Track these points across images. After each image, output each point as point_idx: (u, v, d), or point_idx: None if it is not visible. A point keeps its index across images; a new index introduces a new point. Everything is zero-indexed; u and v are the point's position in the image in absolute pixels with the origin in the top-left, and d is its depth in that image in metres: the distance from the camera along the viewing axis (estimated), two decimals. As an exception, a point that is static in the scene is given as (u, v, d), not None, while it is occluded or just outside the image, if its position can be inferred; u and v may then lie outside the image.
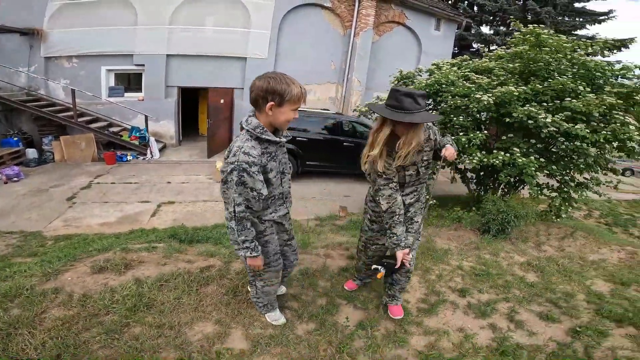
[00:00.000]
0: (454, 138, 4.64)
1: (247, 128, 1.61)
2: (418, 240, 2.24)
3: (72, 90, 8.09)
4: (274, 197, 1.80)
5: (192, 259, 2.86)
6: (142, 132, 8.83)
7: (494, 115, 4.59)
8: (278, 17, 9.60)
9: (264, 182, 1.65)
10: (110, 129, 8.92)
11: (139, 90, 9.62)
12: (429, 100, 5.50)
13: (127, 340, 1.91)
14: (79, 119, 8.27)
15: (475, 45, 16.28)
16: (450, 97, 4.72)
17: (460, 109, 4.68)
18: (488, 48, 15.34)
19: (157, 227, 4.78)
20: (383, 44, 11.10)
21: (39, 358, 1.74)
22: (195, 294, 2.37)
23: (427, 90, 5.22)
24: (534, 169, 4.14)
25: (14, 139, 7.73)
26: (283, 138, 1.74)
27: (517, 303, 2.84)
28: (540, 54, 4.60)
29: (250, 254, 1.72)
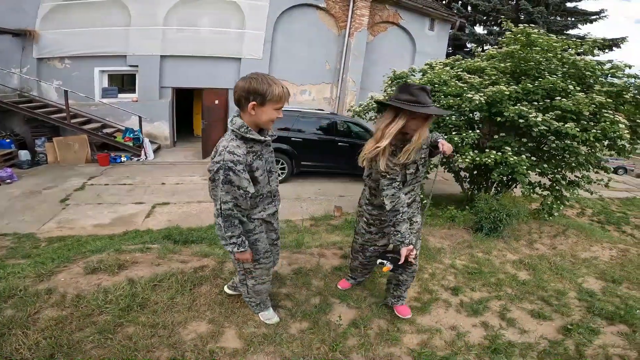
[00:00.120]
0: (447, 137, 4.68)
1: (232, 128, 1.66)
2: (419, 240, 2.25)
3: (65, 92, 8.03)
4: (263, 195, 1.83)
5: (186, 259, 2.86)
6: (136, 133, 8.78)
7: (486, 115, 4.63)
8: (273, 17, 9.60)
9: (251, 180, 1.68)
10: (104, 130, 8.86)
11: (133, 91, 9.56)
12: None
13: (120, 340, 1.91)
14: (72, 121, 8.21)
15: (469, 45, 16.38)
16: (443, 96, 4.76)
17: (453, 109, 4.73)
18: (482, 48, 15.46)
19: (151, 228, 4.76)
20: (377, 44, 11.13)
21: (33, 358, 1.74)
22: (189, 294, 2.38)
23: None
24: (526, 168, 4.18)
25: (7, 141, 7.67)
26: (268, 137, 1.76)
27: (509, 301, 2.87)
28: (531, 54, 4.66)
29: (237, 249, 1.75)
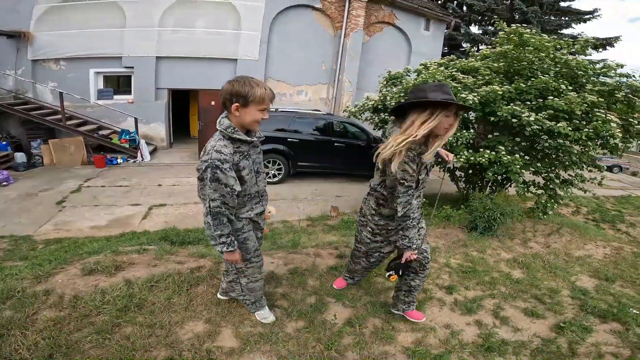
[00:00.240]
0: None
1: (219, 129, 1.71)
2: (429, 245, 2.26)
3: (60, 93, 8.03)
4: (250, 195, 1.87)
5: (182, 260, 2.88)
6: (132, 134, 8.78)
7: (480, 115, 4.67)
8: (269, 18, 9.62)
9: (238, 179, 1.72)
10: (100, 132, 8.84)
11: (129, 93, 9.55)
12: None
13: (118, 340, 1.94)
14: (68, 122, 8.20)
15: (465, 45, 16.47)
16: (438, 96, 4.79)
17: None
18: (477, 47, 15.55)
19: (148, 229, 4.77)
20: (373, 45, 11.17)
21: (32, 358, 1.76)
22: (186, 294, 2.40)
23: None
24: (519, 167, 4.23)
25: (3, 143, 7.63)
26: (255, 138, 1.81)
27: (502, 299, 2.90)
28: (524, 53, 4.70)
29: (227, 249, 1.77)
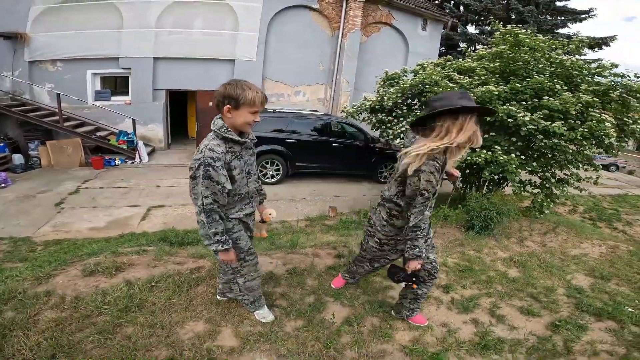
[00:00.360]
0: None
1: (213, 129, 1.76)
2: (437, 254, 2.28)
3: (57, 95, 8.02)
4: (240, 195, 1.91)
5: (182, 261, 2.90)
6: (130, 136, 8.78)
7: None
8: (266, 19, 9.64)
9: (229, 178, 1.77)
10: (98, 133, 8.82)
11: (126, 94, 9.55)
12: (415, 101, 5.61)
13: (119, 340, 1.96)
14: (65, 124, 8.18)
15: (462, 45, 16.53)
16: (434, 97, 4.83)
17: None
18: (474, 47, 15.61)
19: (147, 230, 4.79)
20: (371, 45, 11.20)
21: (35, 358, 1.78)
22: (186, 294, 2.42)
23: (411, 91, 5.33)
24: (515, 166, 4.27)
25: (0, 145, 7.63)
26: (248, 139, 1.86)
27: (499, 298, 2.93)
28: (519, 54, 4.75)
29: (222, 247, 1.81)
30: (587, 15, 15.22)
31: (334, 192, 7.35)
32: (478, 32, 16.01)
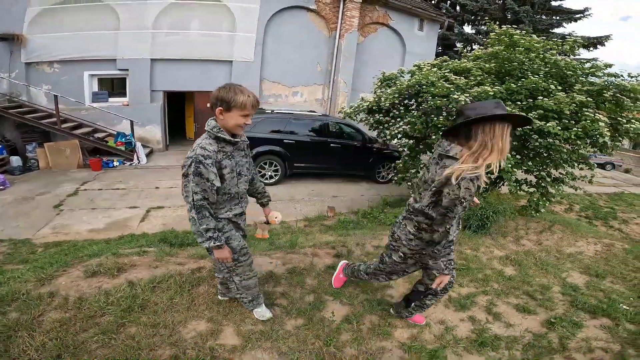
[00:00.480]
0: (435, 137, 4.80)
1: (207, 129, 1.83)
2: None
3: (54, 96, 8.00)
4: (230, 195, 1.95)
5: (183, 262, 2.93)
6: (128, 137, 8.78)
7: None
8: (263, 19, 9.66)
9: (219, 177, 1.83)
10: (95, 135, 8.82)
11: (124, 95, 9.55)
12: (412, 101, 5.66)
13: (123, 340, 1.99)
14: (63, 125, 8.17)
15: (459, 45, 16.61)
16: (431, 97, 4.85)
17: (441, 109, 4.84)
18: (470, 47, 15.69)
19: (146, 232, 4.81)
20: (368, 45, 11.25)
21: (41, 359, 1.81)
22: (188, 294, 2.46)
23: (408, 91, 5.36)
24: (511, 166, 4.31)
25: (-2, 147, 7.64)
26: (240, 140, 1.92)
27: (495, 296, 2.97)
28: (514, 54, 4.79)
29: (214, 244, 1.84)
30: (582, 15, 15.33)
31: (332, 192, 7.39)
32: (474, 32, 16.10)
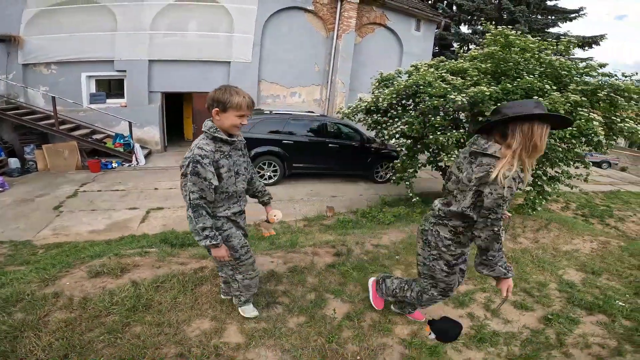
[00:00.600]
0: (433, 137, 4.85)
1: (204, 129, 1.88)
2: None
3: (52, 98, 8.00)
4: (228, 193, 1.98)
5: (185, 262, 2.96)
6: (126, 138, 8.79)
7: (468, 115, 4.81)
8: (261, 20, 9.68)
9: (216, 176, 1.86)
10: (94, 137, 8.82)
11: (121, 97, 9.55)
12: (409, 101, 5.70)
13: (129, 339, 2.02)
14: (61, 127, 8.17)
15: (455, 45, 16.69)
16: (428, 97, 4.90)
17: (438, 109, 4.88)
18: (467, 47, 15.77)
19: (147, 232, 4.84)
20: (365, 46, 11.30)
21: (48, 359, 1.83)
22: (191, 294, 2.49)
23: (406, 92, 5.41)
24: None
25: (-4, 149, 7.63)
26: (236, 139, 1.95)
27: (493, 293, 3.00)
28: (510, 54, 4.85)
29: (210, 242, 1.87)
30: (577, 15, 15.46)
31: (331, 192, 7.43)
32: (471, 32, 16.19)
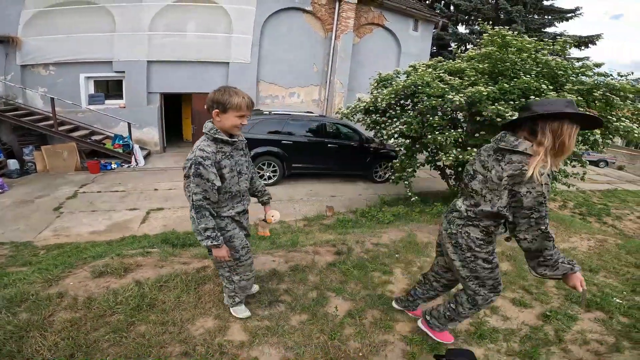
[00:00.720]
0: (431, 137, 4.88)
1: (204, 131, 1.90)
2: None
3: (51, 99, 8.00)
4: (231, 193, 2.01)
5: (187, 261, 2.99)
6: (125, 139, 8.79)
7: (467, 115, 4.85)
8: (260, 21, 9.71)
9: (219, 177, 1.89)
10: (93, 138, 8.83)
11: (120, 98, 9.55)
12: (407, 101, 5.74)
13: (134, 338, 2.05)
14: (60, 128, 8.17)
15: (453, 45, 16.76)
16: (426, 97, 4.93)
17: (437, 109, 4.92)
18: (465, 47, 15.84)
19: (148, 233, 4.85)
20: (363, 46, 11.34)
21: (54, 358, 1.86)
22: (194, 293, 2.52)
23: (404, 92, 5.45)
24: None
25: (-5, 150, 7.63)
26: (237, 140, 1.98)
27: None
28: (507, 55, 4.89)
29: (212, 243, 1.90)
30: (573, 14, 15.57)
31: (330, 192, 7.46)
32: (468, 31, 16.25)
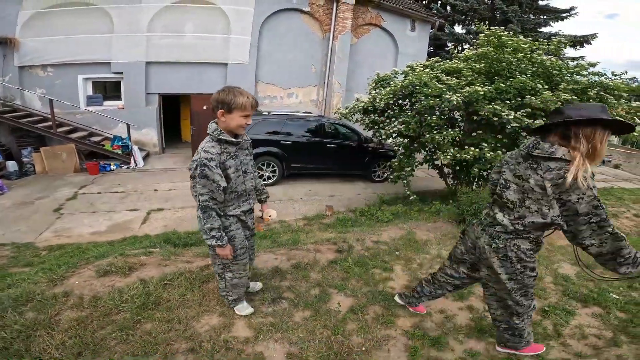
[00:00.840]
0: (429, 136, 4.94)
1: (208, 132, 1.94)
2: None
3: (50, 100, 7.99)
4: (237, 192, 2.05)
5: (190, 260, 3.03)
6: (124, 140, 8.79)
7: (464, 114, 4.92)
8: (258, 22, 9.74)
9: (224, 177, 1.93)
10: (92, 139, 8.82)
11: (119, 99, 9.54)
12: (405, 101, 5.80)
13: (141, 336, 2.08)
14: (58, 129, 8.16)
15: (450, 45, 16.84)
16: (424, 97, 4.99)
17: (434, 109, 4.98)
18: (461, 47, 15.92)
19: (149, 233, 4.87)
20: (361, 46, 11.39)
21: (62, 357, 1.88)
22: (198, 291, 2.56)
23: (402, 92, 5.51)
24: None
25: (-7, 152, 7.61)
26: (242, 140, 2.02)
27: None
28: (503, 55, 4.96)
29: (217, 243, 1.94)
30: (568, 14, 15.67)
31: (329, 191, 7.51)
32: (465, 31, 16.33)
